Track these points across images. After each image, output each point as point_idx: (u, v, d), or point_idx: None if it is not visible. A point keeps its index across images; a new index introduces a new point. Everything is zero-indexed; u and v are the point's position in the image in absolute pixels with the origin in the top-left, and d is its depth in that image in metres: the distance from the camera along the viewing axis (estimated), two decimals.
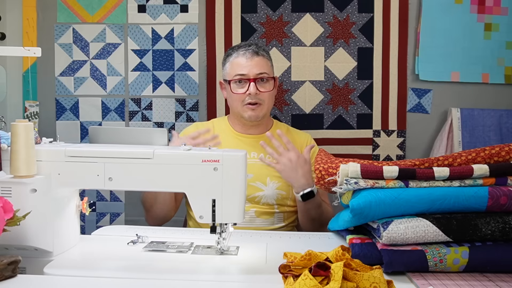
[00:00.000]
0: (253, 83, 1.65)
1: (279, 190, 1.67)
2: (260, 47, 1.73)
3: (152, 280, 1.01)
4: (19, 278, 0.99)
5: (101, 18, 2.19)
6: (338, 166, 1.18)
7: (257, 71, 1.67)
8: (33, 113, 2.21)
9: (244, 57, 1.68)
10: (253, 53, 1.69)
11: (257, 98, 1.67)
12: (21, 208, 1.04)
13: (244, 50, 1.70)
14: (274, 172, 1.67)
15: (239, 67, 1.68)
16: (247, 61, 1.68)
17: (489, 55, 2.14)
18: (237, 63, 1.69)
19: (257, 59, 1.69)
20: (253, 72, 1.67)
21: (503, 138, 2.12)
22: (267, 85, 1.69)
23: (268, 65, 1.72)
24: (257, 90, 1.66)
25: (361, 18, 2.15)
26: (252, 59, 1.68)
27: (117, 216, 2.24)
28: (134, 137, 1.25)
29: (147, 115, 2.22)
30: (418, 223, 1.04)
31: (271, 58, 1.77)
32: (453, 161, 1.16)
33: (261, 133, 1.76)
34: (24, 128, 1.08)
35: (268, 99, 1.70)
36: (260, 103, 1.68)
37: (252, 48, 1.70)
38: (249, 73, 1.66)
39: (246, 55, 1.69)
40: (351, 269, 0.93)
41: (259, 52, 1.70)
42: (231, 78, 1.69)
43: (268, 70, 1.70)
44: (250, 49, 1.70)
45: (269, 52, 1.79)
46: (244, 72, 1.67)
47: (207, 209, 1.13)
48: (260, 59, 1.69)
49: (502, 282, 0.99)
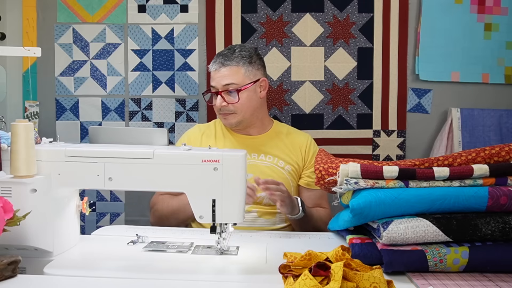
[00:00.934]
0: (219, 96, 1.66)
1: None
2: (232, 55, 1.67)
3: (152, 280, 1.01)
4: (19, 278, 0.99)
5: (101, 18, 2.19)
6: (338, 166, 1.18)
7: (223, 82, 1.65)
8: (33, 113, 2.21)
9: (213, 68, 1.69)
10: (220, 65, 1.67)
11: (226, 109, 1.67)
12: (21, 208, 1.04)
13: (214, 60, 1.70)
14: (274, 173, 1.67)
15: (211, 79, 1.70)
16: (215, 73, 1.68)
17: (489, 55, 2.14)
18: (211, 74, 1.71)
19: (223, 70, 1.66)
20: (220, 84, 1.66)
21: (503, 138, 2.12)
22: (235, 96, 1.66)
23: (239, 73, 1.66)
24: (223, 102, 1.66)
25: (361, 18, 2.15)
26: (219, 71, 1.67)
27: (117, 216, 2.24)
28: (134, 137, 1.25)
29: (147, 115, 2.22)
30: (418, 223, 1.04)
31: (252, 60, 1.70)
32: (453, 161, 1.16)
33: (260, 134, 1.76)
34: (24, 128, 1.08)
35: (241, 107, 1.67)
36: (231, 113, 1.68)
37: (220, 59, 1.68)
38: (217, 85, 1.67)
39: (214, 66, 1.69)
40: (351, 269, 0.93)
41: (225, 62, 1.66)
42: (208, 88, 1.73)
43: (237, 80, 1.66)
44: (218, 60, 1.68)
45: (251, 55, 1.70)
46: (212, 84, 1.69)
47: (207, 209, 1.14)
48: (227, 70, 1.66)
49: (502, 282, 0.99)
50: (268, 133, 1.78)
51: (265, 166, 1.68)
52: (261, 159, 1.70)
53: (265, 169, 1.68)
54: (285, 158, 1.71)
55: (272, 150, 1.72)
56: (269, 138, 1.76)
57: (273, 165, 1.69)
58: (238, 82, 1.67)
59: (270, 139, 1.75)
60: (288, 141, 1.76)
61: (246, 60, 1.69)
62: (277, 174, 1.67)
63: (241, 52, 1.70)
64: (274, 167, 1.69)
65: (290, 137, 1.78)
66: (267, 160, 1.70)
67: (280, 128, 1.81)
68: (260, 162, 1.69)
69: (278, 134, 1.78)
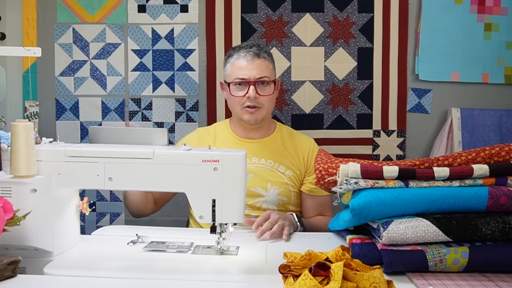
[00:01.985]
0: (252, 86, 1.62)
1: (281, 196, 1.65)
2: (262, 49, 1.69)
3: (152, 280, 1.01)
4: (19, 278, 0.99)
5: (101, 18, 2.19)
6: (338, 166, 1.18)
7: (258, 74, 1.64)
8: (33, 113, 2.21)
9: (245, 59, 1.65)
10: (254, 55, 1.65)
11: (256, 101, 1.64)
12: (21, 208, 1.04)
13: (245, 52, 1.66)
14: (275, 178, 1.66)
15: (240, 70, 1.65)
16: (248, 63, 1.64)
17: (489, 55, 2.14)
18: (237, 65, 1.65)
19: (258, 61, 1.65)
20: (253, 75, 1.63)
21: (503, 138, 2.12)
22: (267, 89, 1.66)
23: (269, 68, 1.68)
24: (256, 94, 1.63)
25: (361, 18, 2.15)
26: (253, 62, 1.64)
27: (117, 216, 2.24)
28: (134, 137, 1.25)
29: (147, 115, 2.22)
30: (418, 223, 1.04)
31: (273, 59, 1.73)
32: (453, 161, 1.16)
33: (263, 137, 1.74)
34: (24, 128, 1.08)
35: (268, 102, 1.68)
36: (259, 107, 1.65)
37: (253, 50, 1.66)
38: (250, 76, 1.63)
39: (247, 57, 1.65)
40: (351, 269, 0.93)
41: (261, 54, 1.66)
42: (231, 80, 1.66)
43: (269, 73, 1.67)
44: (251, 51, 1.66)
45: (271, 54, 1.74)
46: (244, 75, 1.64)
47: (207, 209, 1.14)
48: (261, 62, 1.65)
49: (502, 282, 0.99)
50: (270, 136, 1.75)
51: (265, 171, 1.67)
52: (261, 163, 1.68)
53: (265, 174, 1.67)
54: (286, 163, 1.70)
55: (273, 155, 1.70)
56: (271, 142, 1.74)
57: (273, 170, 1.68)
58: (270, 76, 1.68)
59: (272, 143, 1.73)
60: (290, 146, 1.74)
61: (271, 57, 1.72)
62: (277, 179, 1.66)
63: (265, 49, 1.73)
64: (274, 172, 1.67)
65: (293, 141, 1.76)
66: (267, 165, 1.68)
67: (283, 131, 1.79)
68: (260, 167, 1.68)
69: (280, 137, 1.76)
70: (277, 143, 1.74)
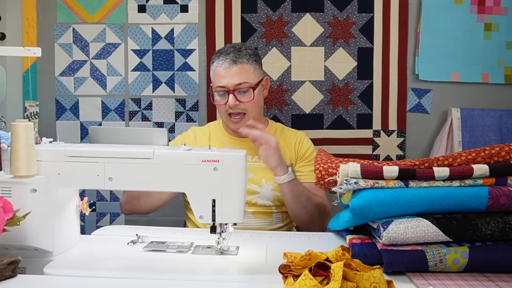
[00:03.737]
0: (232, 94, 1.60)
1: (275, 192, 1.65)
2: (240, 53, 1.64)
3: (152, 280, 1.01)
4: (19, 278, 0.99)
5: (101, 18, 2.19)
6: (338, 166, 1.18)
7: (236, 81, 1.61)
8: (33, 113, 2.21)
9: (223, 67, 1.62)
10: (231, 62, 1.61)
11: (238, 108, 1.63)
12: (21, 208, 1.04)
13: (223, 59, 1.63)
14: (269, 174, 1.66)
15: (219, 78, 1.63)
16: (226, 71, 1.61)
17: (489, 55, 2.14)
18: (217, 73, 1.63)
19: (235, 68, 1.61)
20: (232, 83, 1.60)
21: (503, 138, 2.12)
22: (248, 94, 1.63)
23: (250, 72, 1.63)
24: (236, 101, 1.61)
25: (361, 18, 2.15)
26: (230, 69, 1.61)
27: (117, 216, 2.24)
28: (134, 137, 1.24)
29: (147, 115, 2.22)
30: (418, 223, 1.04)
31: (257, 59, 1.68)
32: (453, 161, 1.16)
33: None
34: (24, 128, 1.08)
35: (252, 107, 1.65)
36: (243, 113, 1.64)
37: (230, 57, 1.62)
38: (228, 84, 1.61)
39: (224, 65, 1.62)
40: (351, 269, 0.93)
41: (238, 60, 1.62)
42: (214, 88, 1.66)
43: (249, 78, 1.62)
44: (228, 58, 1.62)
45: (255, 53, 1.69)
46: (223, 83, 1.61)
47: (207, 209, 1.13)
48: (238, 68, 1.61)
49: (502, 282, 0.99)
50: None
51: (259, 168, 1.67)
52: (255, 161, 1.69)
53: (260, 172, 1.67)
54: None
55: None
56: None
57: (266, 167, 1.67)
58: (250, 80, 1.63)
59: None
60: (281, 140, 1.74)
61: (253, 58, 1.67)
62: (271, 175, 1.64)
63: (247, 50, 1.67)
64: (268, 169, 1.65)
65: (283, 136, 1.76)
66: (261, 162, 1.67)
67: (275, 127, 1.80)
68: (254, 165, 1.68)
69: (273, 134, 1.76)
70: None
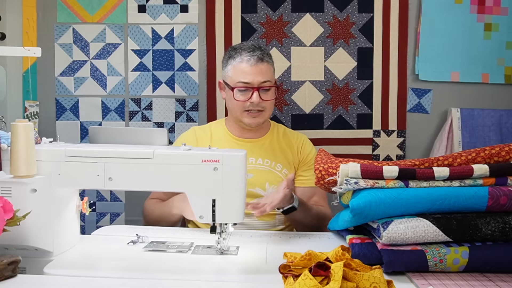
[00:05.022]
0: (256, 92, 1.61)
1: None
2: (264, 52, 1.66)
3: (152, 280, 1.01)
4: (19, 278, 0.99)
5: (101, 18, 2.19)
6: (338, 166, 1.18)
7: (262, 79, 1.61)
8: (33, 113, 2.21)
9: (249, 64, 1.61)
10: (258, 60, 1.61)
11: (260, 106, 1.63)
12: (21, 208, 1.04)
13: (249, 55, 1.62)
14: (272, 177, 1.66)
15: (243, 74, 1.61)
16: (252, 68, 1.61)
17: (489, 55, 2.14)
18: (241, 69, 1.62)
19: (261, 66, 1.62)
20: (258, 81, 1.61)
21: (503, 138, 2.12)
22: (270, 93, 1.65)
23: (271, 71, 1.67)
24: (260, 99, 1.62)
25: (361, 18, 2.15)
26: (256, 66, 1.61)
27: (117, 216, 2.24)
28: (134, 137, 1.25)
29: (147, 115, 2.22)
30: (418, 223, 1.04)
31: (273, 61, 1.71)
32: (453, 161, 1.16)
33: (259, 137, 1.73)
34: (24, 128, 1.08)
35: (270, 105, 1.68)
36: (262, 110, 1.65)
37: (257, 54, 1.62)
38: (253, 81, 1.60)
39: (250, 62, 1.61)
40: (351, 269, 0.93)
41: (264, 58, 1.63)
42: (233, 84, 1.63)
43: (271, 77, 1.65)
44: (255, 55, 1.62)
45: (271, 55, 1.71)
46: (248, 80, 1.60)
47: (207, 209, 1.14)
48: (264, 66, 1.63)
49: (502, 282, 0.99)
50: (266, 135, 1.75)
51: (262, 171, 1.67)
52: (258, 163, 1.68)
53: (263, 174, 1.66)
54: (282, 161, 1.70)
55: (270, 154, 1.70)
56: (267, 141, 1.74)
57: (270, 169, 1.68)
58: (272, 80, 1.67)
59: (268, 142, 1.73)
60: (284, 143, 1.74)
61: (272, 59, 1.70)
62: (274, 178, 1.66)
63: (267, 51, 1.70)
64: (271, 171, 1.67)
65: (286, 138, 1.76)
66: (264, 164, 1.68)
67: (277, 129, 1.79)
68: (258, 167, 1.67)
69: (276, 136, 1.76)
70: (273, 142, 1.74)
